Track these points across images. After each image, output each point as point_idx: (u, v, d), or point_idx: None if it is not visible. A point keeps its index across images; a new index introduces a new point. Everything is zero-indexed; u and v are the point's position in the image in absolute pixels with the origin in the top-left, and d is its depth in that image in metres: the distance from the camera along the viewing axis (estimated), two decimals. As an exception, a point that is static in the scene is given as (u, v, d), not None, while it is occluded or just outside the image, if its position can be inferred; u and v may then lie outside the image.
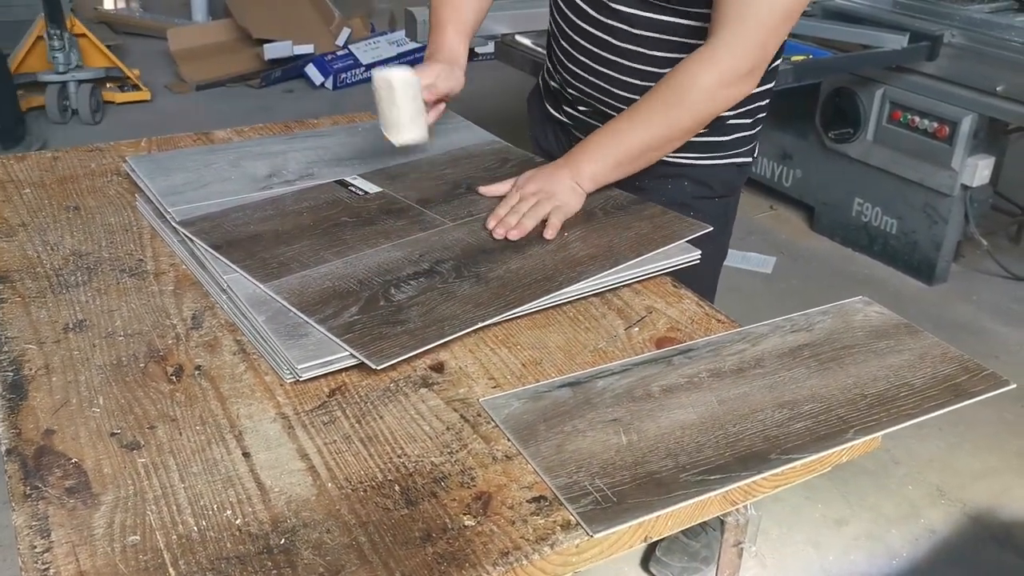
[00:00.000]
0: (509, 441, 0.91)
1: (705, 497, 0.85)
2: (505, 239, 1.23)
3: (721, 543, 1.06)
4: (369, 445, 0.90)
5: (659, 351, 1.06)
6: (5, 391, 0.95)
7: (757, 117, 1.47)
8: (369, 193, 1.36)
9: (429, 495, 0.84)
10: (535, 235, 1.25)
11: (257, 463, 0.87)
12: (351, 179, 1.40)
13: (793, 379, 1.01)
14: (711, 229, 1.30)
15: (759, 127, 1.49)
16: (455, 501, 0.83)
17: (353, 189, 1.37)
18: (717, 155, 1.44)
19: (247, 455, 0.88)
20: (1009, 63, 2.72)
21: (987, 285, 3.16)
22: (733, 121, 1.42)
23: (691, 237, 1.27)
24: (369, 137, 1.59)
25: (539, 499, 0.84)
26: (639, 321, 1.13)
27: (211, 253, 1.17)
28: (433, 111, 1.44)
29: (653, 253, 1.22)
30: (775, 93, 1.48)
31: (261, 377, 0.99)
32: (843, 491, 2.20)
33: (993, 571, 2.01)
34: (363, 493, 0.84)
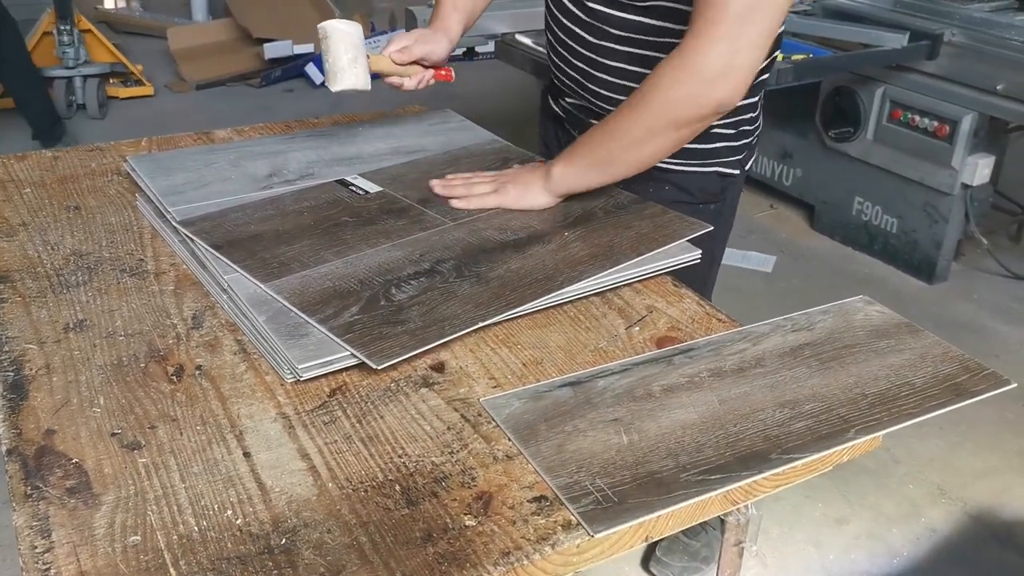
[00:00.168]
0: (510, 441, 0.91)
1: (706, 497, 0.84)
2: (507, 243, 1.22)
3: (722, 542, 1.06)
4: (370, 445, 0.90)
5: (660, 351, 1.06)
6: (6, 391, 0.95)
7: (741, 129, 1.44)
8: (370, 193, 1.36)
9: (430, 495, 0.84)
10: (535, 235, 1.25)
11: (258, 463, 0.87)
12: (351, 179, 1.40)
13: (794, 378, 1.01)
14: (711, 228, 1.30)
15: (747, 140, 1.46)
16: (456, 501, 0.83)
17: (353, 189, 1.37)
18: (697, 162, 1.43)
19: (248, 455, 0.88)
20: (1009, 62, 2.72)
21: (987, 284, 3.16)
22: (715, 130, 1.41)
23: (691, 236, 1.27)
24: (370, 137, 1.59)
25: (540, 499, 0.84)
26: (640, 320, 1.13)
27: (211, 253, 1.17)
28: (416, 77, 1.50)
29: (653, 252, 1.22)
30: (776, 92, 1.47)
31: (262, 377, 0.99)
32: (844, 490, 2.20)
33: (994, 570, 2.01)
34: (364, 493, 0.84)
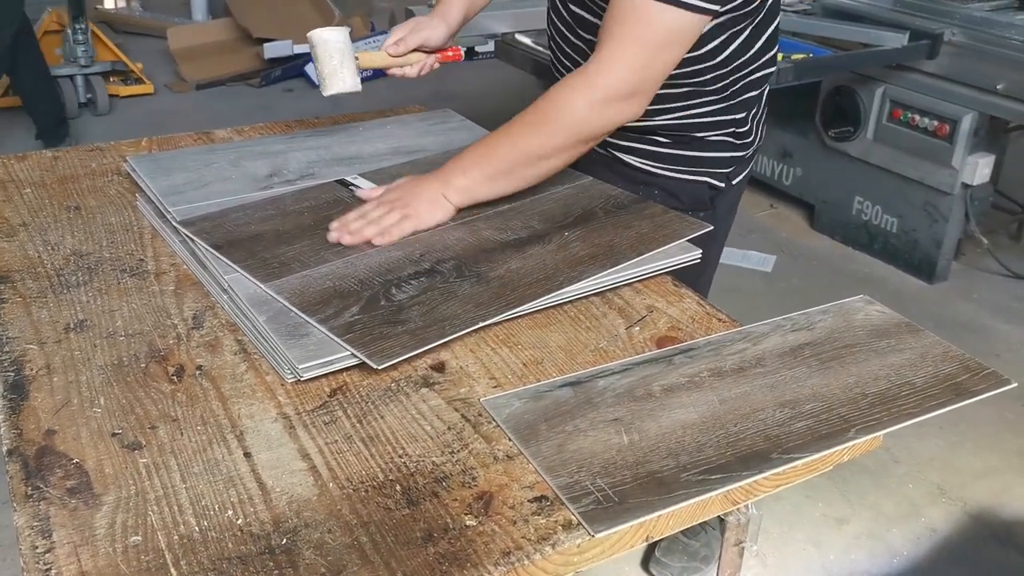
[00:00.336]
0: (510, 441, 0.91)
1: (706, 496, 0.85)
2: (507, 243, 1.23)
3: (722, 542, 1.06)
4: (370, 445, 0.90)
5: (660, 350, 1.06)
6: (6, 391, 0.95)
7: (729, 141, 1.43)
8: (370, 193, 1.36)
9: (430, 495, 0.84)
10: (535, 234, 1.25)
11: (258, 463, 0.87)
12: (352, 179, 1.40)
13: (794, 378, 1.01)
14: (712, 228, 1.30)
15: (738, 153, 1.45)
16: (456, 501, 0.83)
17: (354, 189, 1.37)
18: (685, 169, 1.43)
19: (248, 455, 0.88)
20: (1009, 61, 2.72)
21: (988, 283, 3.16)
22: (706, 138, 1.41)
23: (691, 236, 1.27)
24: (370, 137, 1.59)
25: (540, 499, 0.84)
26: (640, 320, 1.13)
27: (212, 253, 1.17)
28: (418, 64, 1.50)
29: (653, 252, 1.22)
30: (776, 92, 1.47)
31: (262, 377, 0.99)
32: (844, 490, 2.20)
33: (994, 570, 2.01)
34: (364, 493, 0.84)
